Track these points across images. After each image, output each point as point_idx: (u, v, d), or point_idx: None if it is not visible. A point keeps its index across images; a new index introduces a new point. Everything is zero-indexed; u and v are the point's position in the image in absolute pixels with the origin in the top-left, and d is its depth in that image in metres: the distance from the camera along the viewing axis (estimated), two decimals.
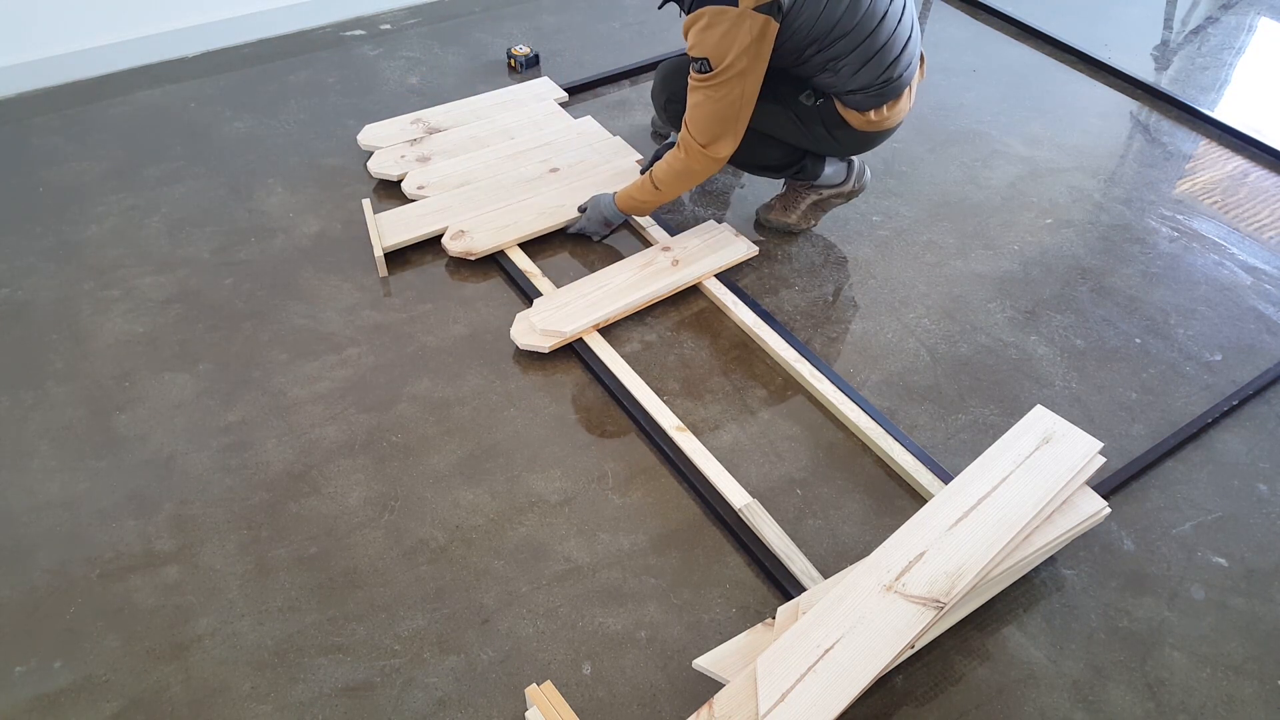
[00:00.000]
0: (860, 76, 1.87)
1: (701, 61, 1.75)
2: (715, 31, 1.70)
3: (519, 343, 1.92)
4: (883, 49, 1.84)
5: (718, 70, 1.74)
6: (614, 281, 2.05)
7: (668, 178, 1.98)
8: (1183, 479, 1.77)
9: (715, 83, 1.77)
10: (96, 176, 2.39)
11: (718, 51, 1.72)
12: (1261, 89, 2.96)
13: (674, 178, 1.97)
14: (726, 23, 1.68)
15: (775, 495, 1.70)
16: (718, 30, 1.69)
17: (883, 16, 1.81)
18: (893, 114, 1.97)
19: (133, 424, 1.79)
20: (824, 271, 2.19)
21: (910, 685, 1.44)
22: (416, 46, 2.96)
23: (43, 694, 1.40)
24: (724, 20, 1.68)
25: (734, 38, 1.69)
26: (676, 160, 1.95)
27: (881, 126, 1.99)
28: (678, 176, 1.97)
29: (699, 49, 1.74)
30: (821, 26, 1.77)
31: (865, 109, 1.94)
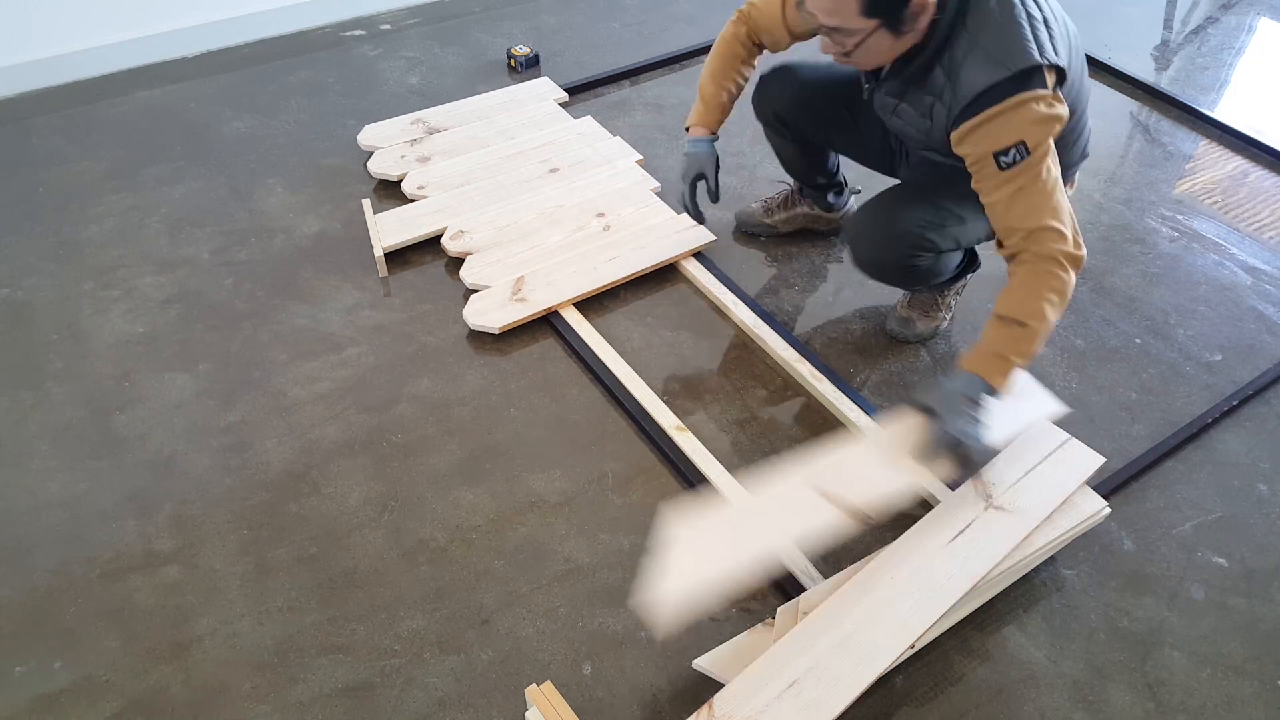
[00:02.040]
0: (1080, 145, 1.71)
1: (1015, 148, 1.42)
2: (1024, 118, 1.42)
3: (470, 324, 1.97)
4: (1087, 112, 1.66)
5: (1035, 153, 1.44)
6: (546, 243, 2.14)
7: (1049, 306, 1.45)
8: (1183, 479, 1.77)
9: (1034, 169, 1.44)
10: (96, 176, 2.39)
11: (1034, 134, 1.42)
12: (1261, 89, 2.95)
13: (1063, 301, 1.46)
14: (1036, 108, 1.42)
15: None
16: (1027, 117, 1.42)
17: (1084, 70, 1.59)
18: None
19: (133, 424, 1.79)
20: (824, 271, 2.19)
21: (910, 685, 1.44)
22: (416, 46, 2.96)
23: (43, 694, 1.40)
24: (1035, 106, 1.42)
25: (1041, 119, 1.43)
26: (1052, 278, 1.45)
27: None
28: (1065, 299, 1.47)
29: (1007, 138, 1.43)
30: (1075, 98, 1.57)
31: (1072, 179, 1.74)
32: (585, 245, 2.16)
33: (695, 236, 2.19)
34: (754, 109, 2.00)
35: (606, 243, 2.17)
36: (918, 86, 1.56)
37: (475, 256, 2.12)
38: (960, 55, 1.46)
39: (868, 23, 1.43)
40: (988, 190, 1.50)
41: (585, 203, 2.29)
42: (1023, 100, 1.41)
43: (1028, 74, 1.41)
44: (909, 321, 1.98)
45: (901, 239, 1.64)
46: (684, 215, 2.26)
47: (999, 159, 1.44)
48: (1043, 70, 1.42)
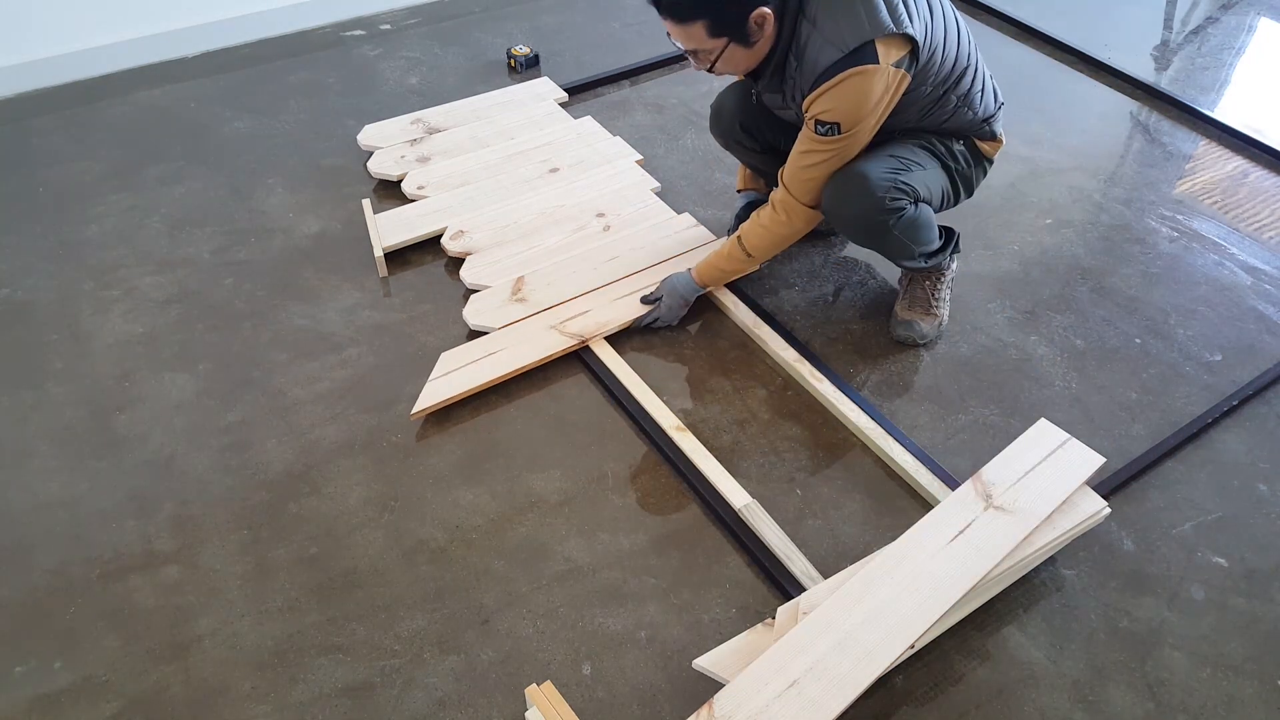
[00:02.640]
0: (987, 99, 1.81)
1: (831, 125, 1.63)
2: (854, 94, 1.58)
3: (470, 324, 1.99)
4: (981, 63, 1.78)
5: (847, 132, 1.64)
6: (546, 243, 2.17)
7: (764, 243, 1.86)
8: (1183, 479, 1.77)
9: (840, 144, 1.67)
10: (96, 176, 2.39)
11: (855, 113, 1.61)
12: (1261, 89, 2.95)
13: (772, 241, 1.86)
14: (866, 81, 1.57)
15: (775, 495, 1.70)
16: (856, 92, 1.58)
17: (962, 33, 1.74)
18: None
19: (133, 424, 1.79)
20: (824, 271, 2.19)
21: (910, 685, 1.44)
22: (416, 46, 2.96)
23: (43, 694, 1.40)
24: (865, 80, 1.56)
25: (871, 96, 1.59)
26: (776, 223, 1.82)
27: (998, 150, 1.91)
28: (777, 240, 1.86)
29: (832, 113, 1.61)
30: (948, 64, 1.68)
31: (997, 135, 1.86)
32: (585, 245, 2.16)
33: (696, 237, 2.20)
34: (717, 139, 2.09)
35: (606, 243, 2.17)
36: (781, 79, 1.72)
37: (475, 256, 2.12)
38: (804, 40, 1.61)
39: (718, 41, 1.60)
40: (801, 140, 1.71)
41: (585, 203, 2.29)
42: (852, 74, 1.56)
43: (860, 50, 1.54)
44: (912, 324, 1.99)
45: (877, 186, 1.71)
46: (684, 215, 2.26)
47: (817, 125, 1.65)
48: (874, 44, 1.54)
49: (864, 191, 1.71)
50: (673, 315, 1.99)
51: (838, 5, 1.56)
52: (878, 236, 1.81)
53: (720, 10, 1.56)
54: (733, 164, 2.50)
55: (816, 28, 1.58)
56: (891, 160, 1.75)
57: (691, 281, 1.97)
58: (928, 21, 1.61)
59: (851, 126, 1.63)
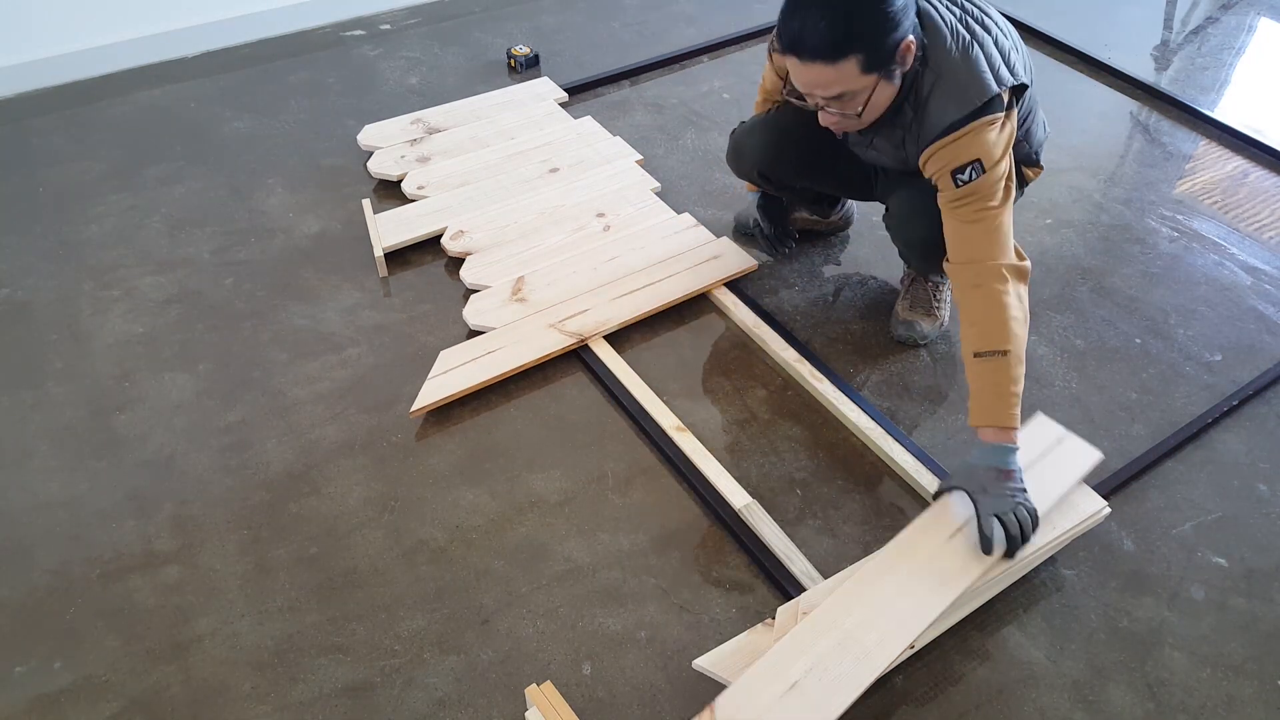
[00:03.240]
0: (1039, 130, 1.79)
1: (972, 165, 1.49)
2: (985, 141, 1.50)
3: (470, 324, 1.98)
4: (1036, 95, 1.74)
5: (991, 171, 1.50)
6: (546, 243, 2.16)
7: (1001, 323, 1.49)
8: (1183, 479, 1.77)
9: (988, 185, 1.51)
10: (96, 176, 2.39)
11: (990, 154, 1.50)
12: (1261, 89, 2.95)
13: (1018, 319, 1.50)
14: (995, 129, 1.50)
15: (775, 495, 1.70)
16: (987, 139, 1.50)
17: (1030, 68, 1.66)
18: None
19: (133, 424, 1.79)
20: (824, 271, 2.19)
21: (910, 685, 1.44)
22: (416, 46, 2.96)
23: (43, 694, 1.40)
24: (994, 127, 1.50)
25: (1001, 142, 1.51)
26: (1014, 298, 1.51)
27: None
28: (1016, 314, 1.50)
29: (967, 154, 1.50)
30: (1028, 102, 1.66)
31: (1040, 163, 1.83)
32: (585, 245, 2.16)
33: (695, 237, 2.20)
34: (733, 170, 2.02)
35: (606, 243, 2.17)
36: (889, 126, 1.62)
37: (475, 256, 2.12)
38: (925, 91, 1.53)
39: (869, 79, 1.47)
40: (944, 204, 1.57)
41: (585, 203, 2.29)
42: (979, 125, 1.49)
43: (989, 104, 1.49)
44: (913, 324, 1.98)
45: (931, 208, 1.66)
46: (684, 215, 2.26)
47: (956, 176, 1.51)
48: (1001, 96, 1.50)
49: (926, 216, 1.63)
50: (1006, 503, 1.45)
51: (962, 58, 1.49)
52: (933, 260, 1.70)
53: (877, 40, 1.42)
54: None
55: (941, 79, 1.50)
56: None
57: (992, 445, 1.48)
58: (1023, 65, 1.57)
59: (991, 165, 1.50)
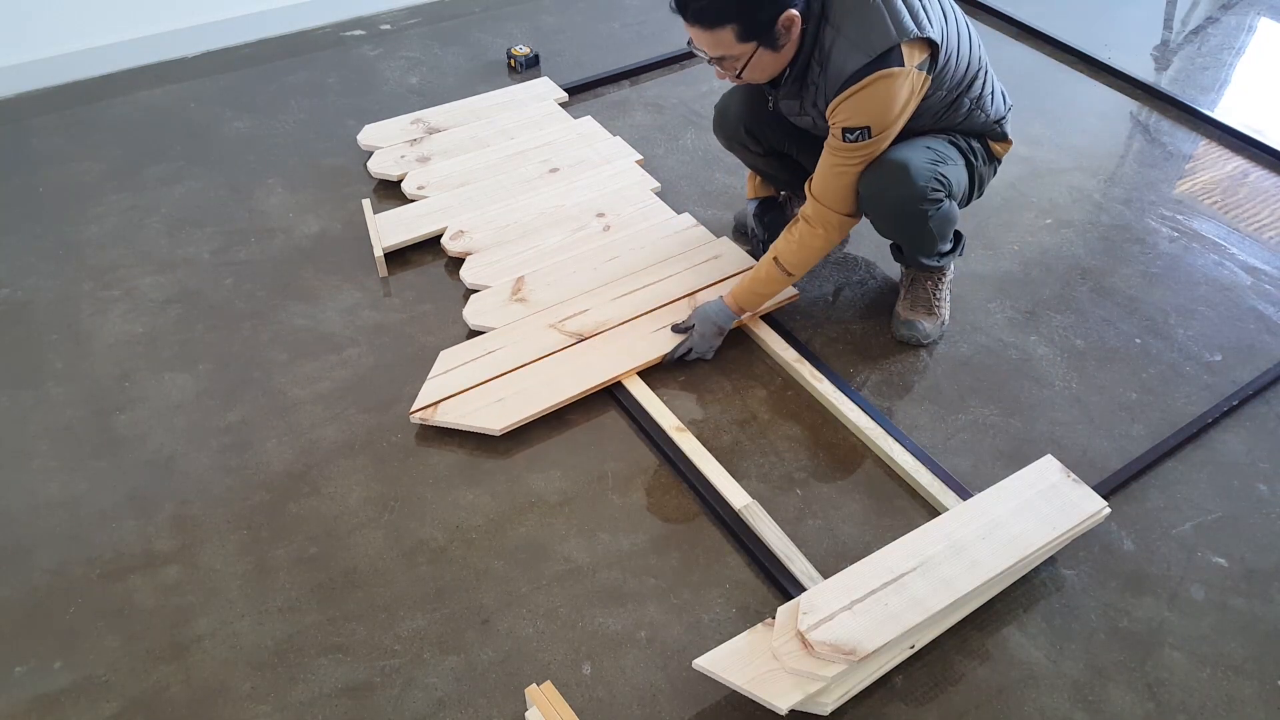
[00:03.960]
0: (998, 102, 1.82)
1: (861, 130, 1.62)
2: (881, 97, 1.58)
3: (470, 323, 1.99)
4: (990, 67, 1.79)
5: (877, 135, 1.63)
6: (546, 243, 2.17)
7: (801, 258, 1.81)
8: (1183, 479, 1.77)
9: (869, 149, 1.66)
10: (96, 176, 2.39)
11: (883, 117, 1.61)
12: (1261, 89, 2.95)
13: (809, 255, 1.81)
14: (893, 84, 1.57)
15: (775, 495, 1.70)
16: (884, 95, 1.58)
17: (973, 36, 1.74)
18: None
19: (133, 424, 1.79)
20: (824, 271, 2.19)
21: (910, 685, 1.44)
22: (416, 46, 2.96)
23: (43, 694, 1.40)
24: (891, 82, 1.56)
25: (898, 98, 1.59)
26: (812, 236, 1.78)
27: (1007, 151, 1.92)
28: (814, 253, 1.81)
29: (861, 117, 1.61)
30: (961, 68, 1.69)
31: (1007, 136, 1.87)
32: (585, 245, 2.16)
33: (695, 237, 2.20)
34: (720, 139, 2.06)
35: (606, 243, 2.17)
36: (802, 86, 1.69)
37: (475, 256, 2.12)
38: (827, 45, 1.60)
39: (747, 47, 1.58)
40: (829, 149, 1.69)
41: (585, 203, 2.29)
42: (879, 78, 1.55)
43: (886, 54, 1.54)
44: (914, 324, 1.99)
45: (918, 175, 1.70)
46: (684, 215, 2.26)
47: (846, 133, 1.64)
48: (900, 48, 1.54)
49: (905, 181, 1.70)
50: (706, 345, 1.91)
51: (861, 10, 1.55)
52: (912, 227, 1.79)
53: (750, 14, 1.54)
54: (733, 164, 2.51)
55: (840, 33, 1.57)
56: (929, 151, 1.74)
57: (725, 308, 1.89)
58: (943, 25, 1.62)
59: (881, 129, 1.62)
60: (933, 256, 1.92)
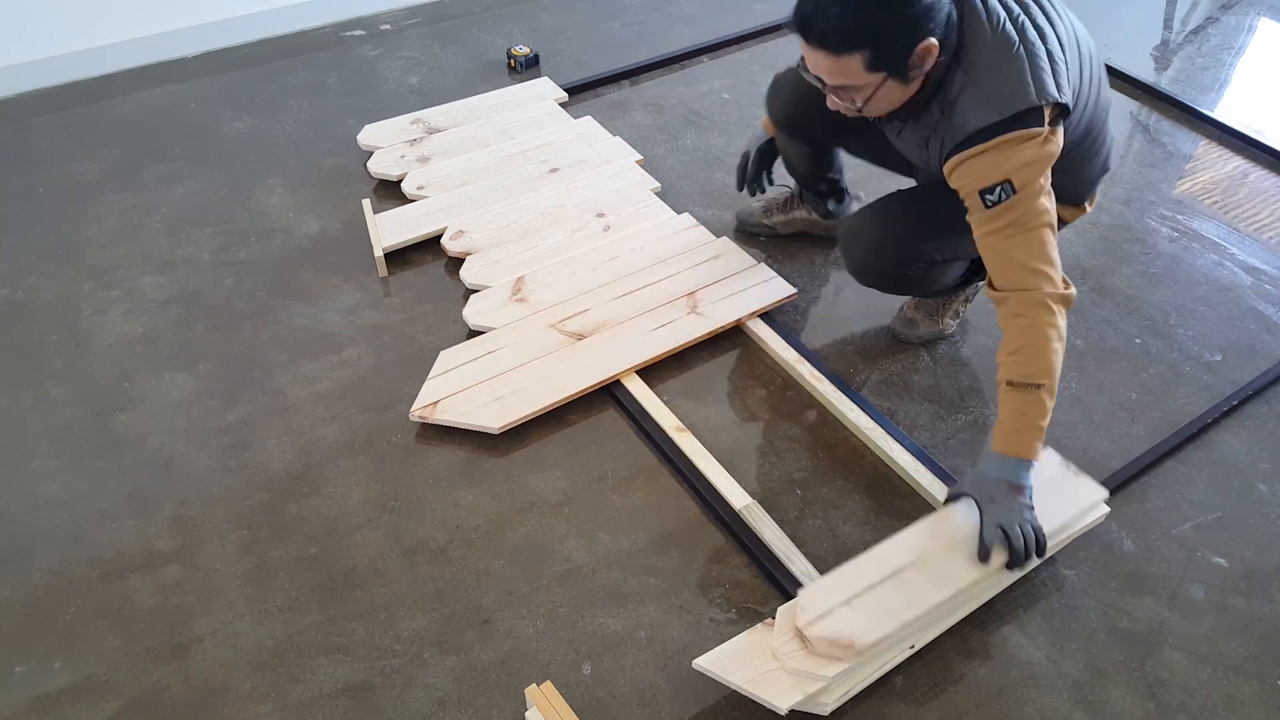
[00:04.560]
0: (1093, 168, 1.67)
1: (1001, 186, 1.39)
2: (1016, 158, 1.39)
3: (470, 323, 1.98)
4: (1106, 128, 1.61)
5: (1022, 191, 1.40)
6: (546, 243, 2.16)
7: (1038, 355, 1.44)
8: (1183, 479, 1.77)
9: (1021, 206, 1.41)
10: (96, 176, 2.39)
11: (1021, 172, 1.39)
12: (1261, 89, 2.96)
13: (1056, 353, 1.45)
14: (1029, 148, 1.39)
15: (775, 495, 1.70)
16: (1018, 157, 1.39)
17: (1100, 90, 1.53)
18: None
19: (133, 424, 1.79)
20: (824, 272, 2.19)
21: (910, 685, 1.44)
22: (416, 46, 2.96)
23: (43, 694, 1.40)
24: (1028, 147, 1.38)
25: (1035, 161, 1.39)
26: (1056, 330, 1.44)
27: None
28: (1057, 347, 1.45)
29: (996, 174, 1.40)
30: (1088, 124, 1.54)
31: (1083, 204, 1.72)
32: (585, 245, 2.16)
33: (695, 238, 2.20)
34: (767, 109, 1.96)
35: (606, 243, 2.17)
36: (915, 121, 1.54)
37: (475, 256, 2.12)
38: (955, 93, 1.43)
39: (875, 77, 1.40)
40: (976, 225, 1.47)
41: (585, 203, 2.29)
42: (1013, 139, 1.38)
43: (1022, 115, 1.38)
44: (913, 323, 1.96)
45: (892, 247, 1.60)
46: (684, 215, 2.26)
47: (984, 196, 1.42)
48: (1040, 110, 1.38)
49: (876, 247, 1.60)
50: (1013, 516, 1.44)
51: (999, 60, 1.38)
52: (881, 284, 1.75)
53: (887, 40, 1.36)
54: (732, 164, 2.50)
55: (972, 81, 1.40)
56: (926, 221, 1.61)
57: (1007, 459, 1.46)
58: (1076, 82, 1.45)
59: (1023, 185, 1.39)
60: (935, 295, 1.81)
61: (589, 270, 2.09)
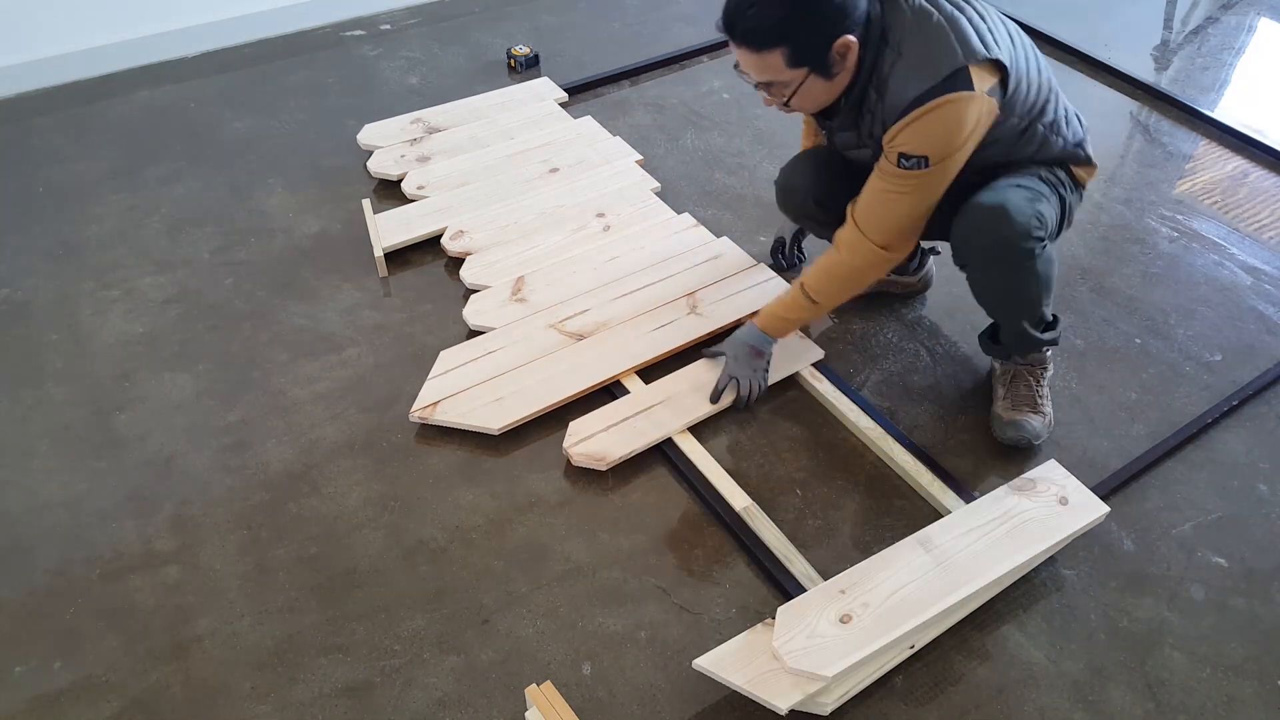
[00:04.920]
0: (1074, 124, 1.68)
1: (918, 159, 1.48)
2: (945, 122, 1.45)
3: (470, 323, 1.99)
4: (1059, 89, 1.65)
5: (935, 165, 1.48)
6: (546, 243, 2.17)
7: (831, 287, 1.68)
8: (1183, 479, 1.77)
9: (924, 179, 1.50)
10: (96, 176, 2.39)
11: (946, 144, 1.46)
12: (1261, 89, 2.96)
13: (840, 285, 1.68)
14: (960, 109, 1.43)
15: (775, 495, 1.70)
16: (949, 120, 1.44)
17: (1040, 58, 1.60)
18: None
19: (133, 424, 1.79)
20: None
21: (910, 685, 1.44)
22: (416, 46, 2.96)
23: (43, 694, 1.40)
24: (958, 107, 1.43)
25: (965, 125, 1.45)
26: (842, 264, 1.64)
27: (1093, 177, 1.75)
28: (844, 283, 1.68)
29: (920, 145, 1.47)
30: (1032, 92, 1.55)
31: (1092, 160, 1.71)
32: (585, 245, 2.16)
33: (695, 238, 2.20)
34: (786, 211, 1.97)
35: (606, 243, 2.17)
36: (855, 112, 1.58)
37: (475, 256, 2.12)
38: (886, 70, 1.48)
39: (797, 73, 1.48)
40: (880, 173, 1.56)
41: (585, 203, 2.29)
42: (944, 102, 1.43)
43: (952, 77, 1.42)
44: (1021, 424, 1.76)
45: (1018, 212, 1.54)
46: (684, 215, 2.26)
47: (902, 159, 1.49)
48: (967, 70, 1.42)
49: (1004, 222, 1.54)
50: (746, 369, 1.77)
51: (925, 31, 1.44)
52: (1015, 276, 1.61)
53: (802, 38, 1.43)
54: (733, 164, 2.51)
55: (901, 56, 1.45)
56: (1021, 190, 1.58)
57: (754, 327, 1.78)
58: (1010, 48, 1.50)
59: (940, 159, 1.48)
60: (1037, 326, 1.73)
61: (589, 270, 2.09)
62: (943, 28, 1.44)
